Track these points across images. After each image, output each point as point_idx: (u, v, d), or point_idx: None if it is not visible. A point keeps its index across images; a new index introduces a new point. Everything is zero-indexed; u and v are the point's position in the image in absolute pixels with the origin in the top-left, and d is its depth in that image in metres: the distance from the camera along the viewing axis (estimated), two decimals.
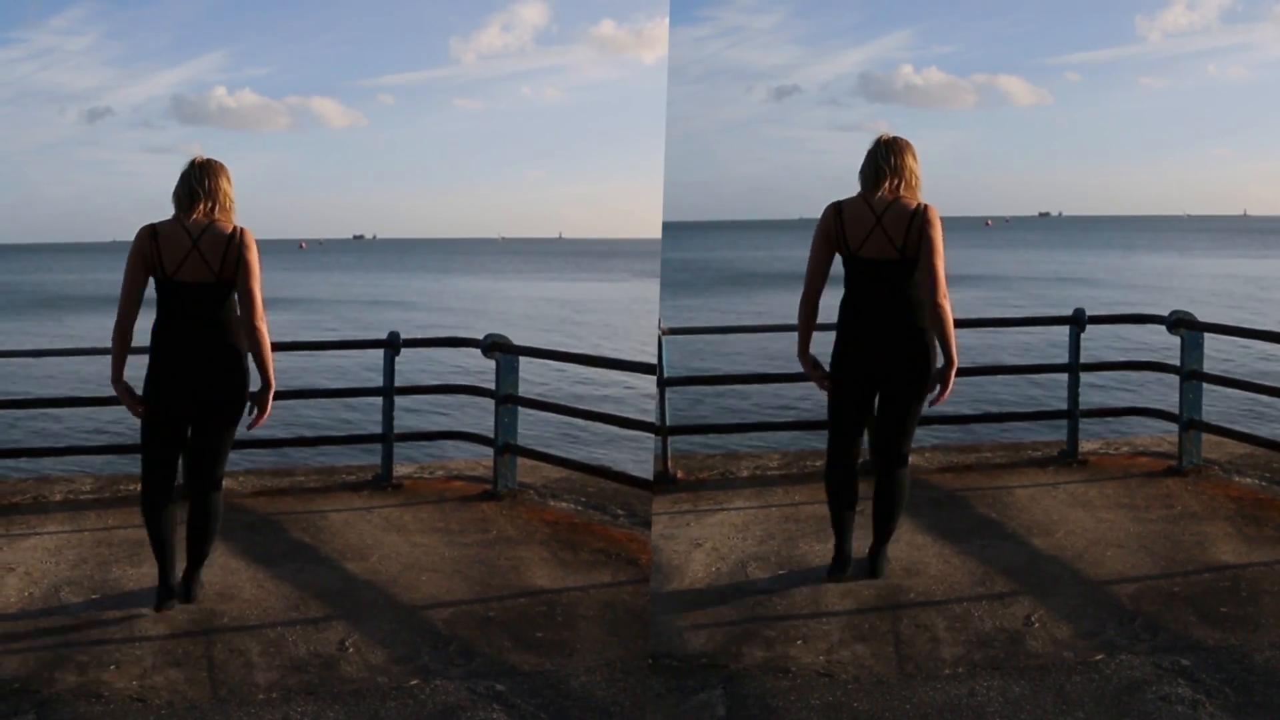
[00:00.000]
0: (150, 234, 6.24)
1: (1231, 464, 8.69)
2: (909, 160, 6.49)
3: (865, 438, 6.89)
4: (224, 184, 6.33)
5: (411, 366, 11.12)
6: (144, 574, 6.89)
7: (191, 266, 6.20)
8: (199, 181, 6.28)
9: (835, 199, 6.54)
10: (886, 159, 6.47)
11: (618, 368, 9.77)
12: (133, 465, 11.33)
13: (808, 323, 6.64)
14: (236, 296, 6.31)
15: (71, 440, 16.31)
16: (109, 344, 6.38)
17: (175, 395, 6.31)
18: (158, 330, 6.32)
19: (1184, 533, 7.36)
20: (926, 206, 6.41)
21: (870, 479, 6.88)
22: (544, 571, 7.07)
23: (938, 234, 6.38)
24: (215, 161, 6.37)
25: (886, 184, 6.43)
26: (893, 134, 6.54)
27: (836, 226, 6.49)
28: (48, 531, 7.68)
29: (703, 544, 7.32)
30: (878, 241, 6.41)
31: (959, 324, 6.75)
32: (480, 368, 9.18)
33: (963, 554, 7.05)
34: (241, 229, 6.30)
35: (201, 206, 6.25)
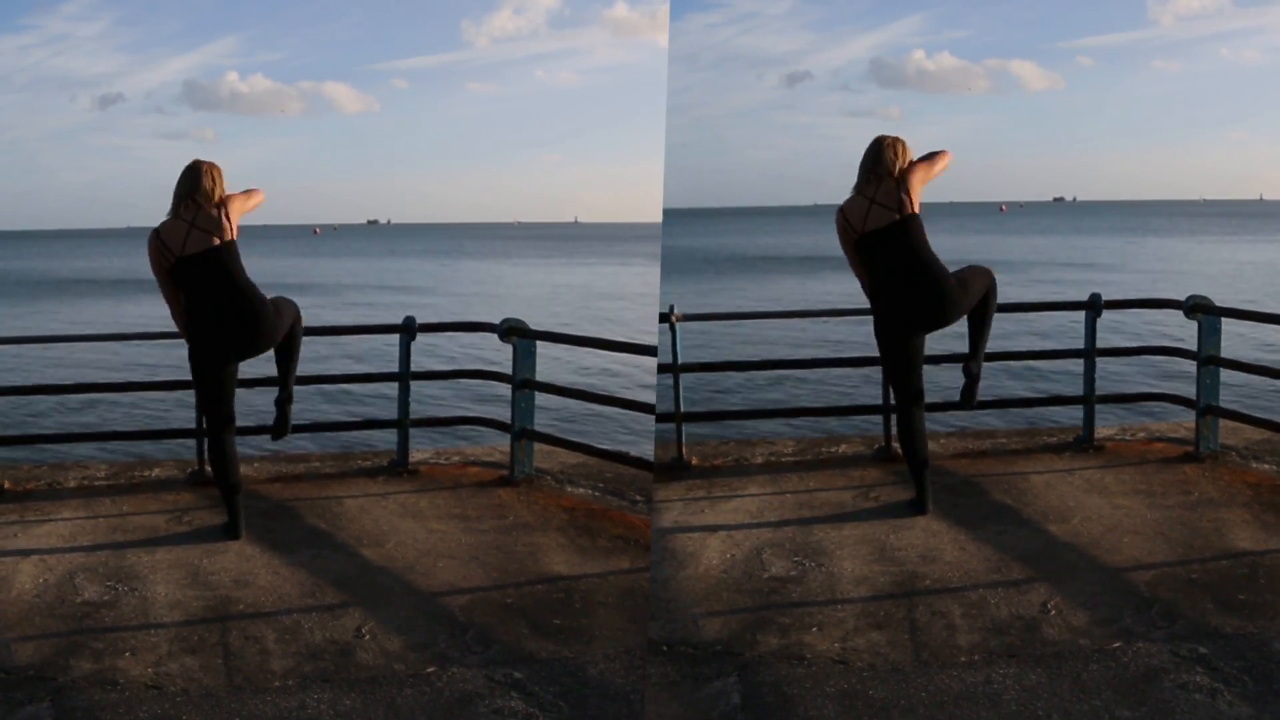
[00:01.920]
0: (155, 235, 7.26)
1: (1249, 450, 8.64)
2: (888, 156, 7.38)
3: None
4: (206, 183, 7.28)
5: (428, 351, 11.11)
6: (158, 560, 6.91)
7: (194, 241, 7.19)
8: (183, 184, 7.30)
9: (848, 184, 7.46)
10: (868, 163, 7.41)
11: (635, 352, 9.71)
12: (148, 451, 11.38)
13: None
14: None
15: (86, 427, 16.32)
16: (121, 330, 6.74)
17: (219, 345, 7.27)
18: (189, 305, 7.25)
19: (1201, 519, 7.33)
20: (908, 166, 7.40)
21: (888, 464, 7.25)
22: (562, 558, 7.06)
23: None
24: (202, 163, 7.35)
25: (879, 184, 7.35)
26: (879, 135, 7.48)
27: (842, 222, 7.43)
28: (62, 518, 7.69)
29: (717, 530, 7.31)
30: (876, 215, 7.32)
31: None
32: (497, 353, 9.14)
33: (978, 540, 7.03)
34: (225, 196, 7.35)
35: (190, 202, 7.25)
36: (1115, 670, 5.49)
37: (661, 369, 8.75)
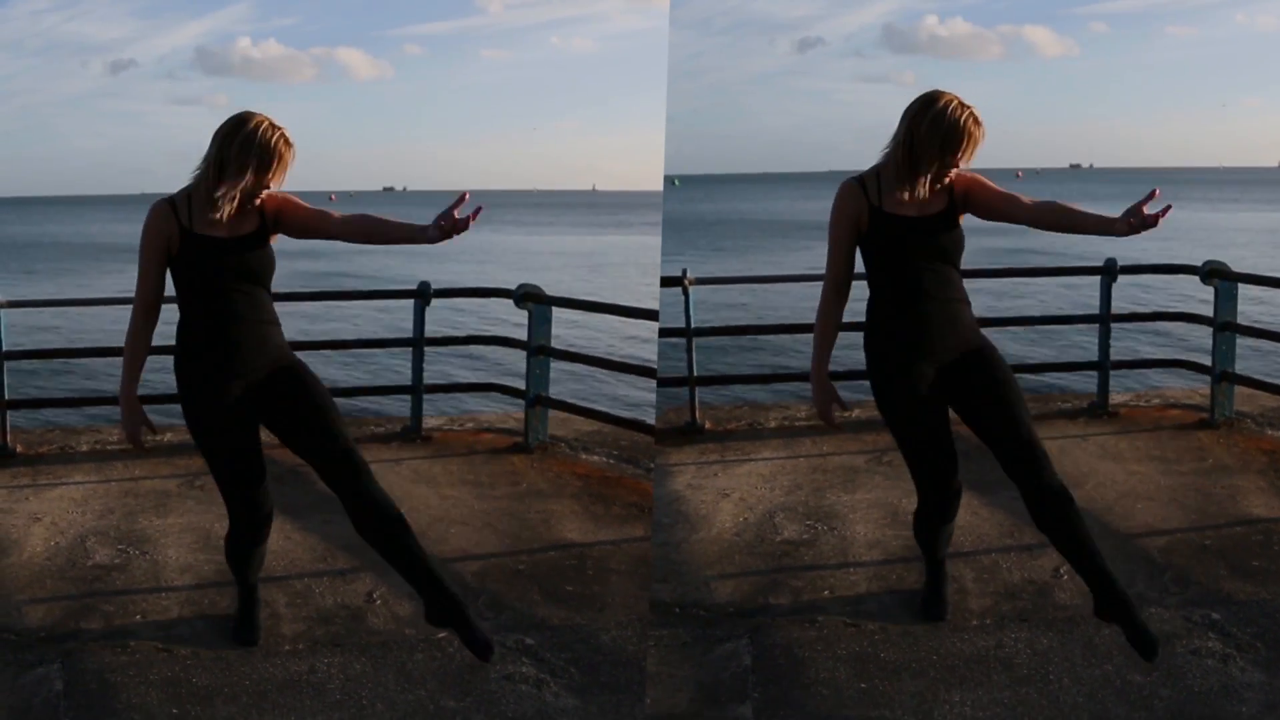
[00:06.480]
0: None
1: (1264, 417, 8.60)
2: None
3: None
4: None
5: (442, 317, 11.07)
6: (169, 524, 6.92)
7: None
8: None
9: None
10: None
11: (648, 318, 9.66)
12: (161, 416, 11.36)
13: None
14: None
15: (99, 392, 16.32)
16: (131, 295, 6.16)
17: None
18: None
19: (1215, 486, 7.30)
20: None
21: None
22: (575, 525, 7.05)
23: None
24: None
25: None
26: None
27: None
28: (74, 482, 7.70)
29: (730, 494, 7.30)
30: None
31: (990, 273, 6.88)
32: (512, 319, 9.11)
33: (991, 505, 6.99)
34: None
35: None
36: None
37: (670, 333, 8.72)
